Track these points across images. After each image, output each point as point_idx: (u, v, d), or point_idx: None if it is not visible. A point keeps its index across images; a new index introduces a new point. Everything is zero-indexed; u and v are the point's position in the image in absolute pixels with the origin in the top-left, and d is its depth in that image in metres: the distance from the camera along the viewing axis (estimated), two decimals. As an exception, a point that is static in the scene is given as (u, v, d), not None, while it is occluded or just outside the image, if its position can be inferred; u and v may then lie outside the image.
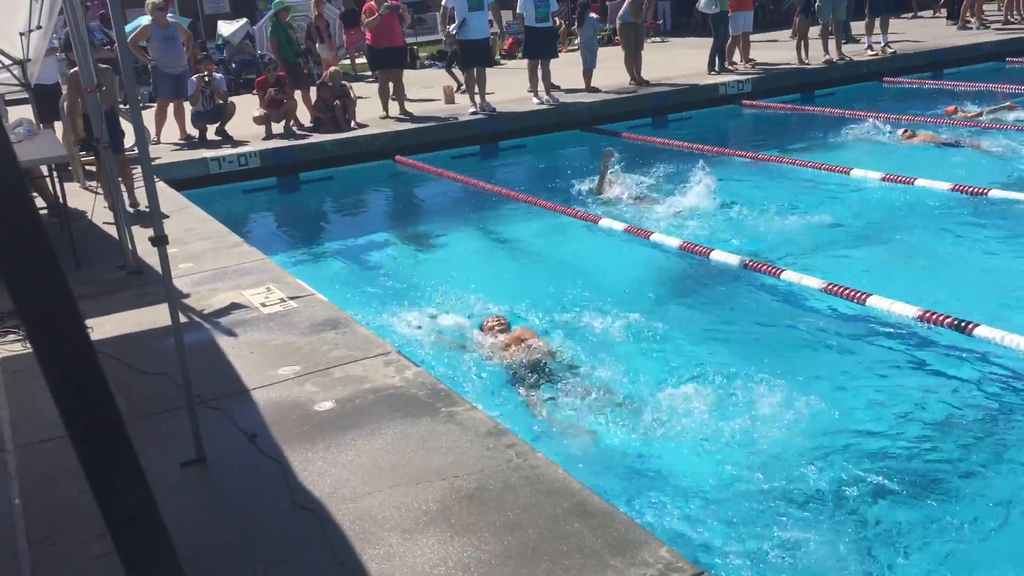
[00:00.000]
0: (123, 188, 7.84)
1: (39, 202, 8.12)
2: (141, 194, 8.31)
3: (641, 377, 5.34)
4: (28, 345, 5.39)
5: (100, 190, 7.97)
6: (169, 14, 12.65)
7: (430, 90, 15.58)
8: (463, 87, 14.04)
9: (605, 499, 3.38)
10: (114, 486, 0.93)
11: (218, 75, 12.80)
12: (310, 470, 3.74)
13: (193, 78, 12.41)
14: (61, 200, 7.52)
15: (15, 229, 0.83)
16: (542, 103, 13.51)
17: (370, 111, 13.30)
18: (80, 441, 0.88)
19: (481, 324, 6.17)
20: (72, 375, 0.86)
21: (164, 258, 3.76)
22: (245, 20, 20.73)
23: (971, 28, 17.27)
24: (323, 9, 17.81)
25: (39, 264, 0.86)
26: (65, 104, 8.68)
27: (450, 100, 14.34)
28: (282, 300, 5.93)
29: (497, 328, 6.00)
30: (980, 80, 13.94)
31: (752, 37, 15.70)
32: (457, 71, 15.10)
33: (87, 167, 9.94)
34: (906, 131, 10.89)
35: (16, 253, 0.85)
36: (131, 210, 8.15)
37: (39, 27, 7.95)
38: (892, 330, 5.71)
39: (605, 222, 8.39)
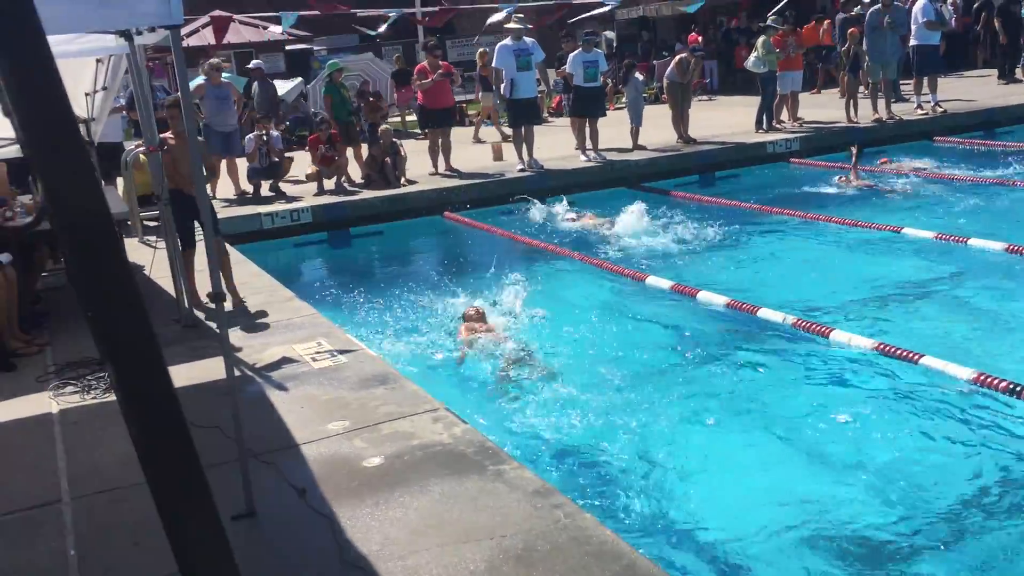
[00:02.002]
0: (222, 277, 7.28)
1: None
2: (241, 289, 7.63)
3: (683, 433, 5.30)
4: (86, 397, 5.52)
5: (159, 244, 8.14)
6: (226, 74, 13.04)
7: (479, 146, 15.80)
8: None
9: (654, 562, 3.35)
10: (191, 531, 0.95)
11: (275, 133, 13.11)
12: (358, 526, 3.76)
13: (251, 136, 12.74)
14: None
15: (108, 284, 0.87)
16: (590, 160, 13.63)
17: (419, 167, 13.50)
18: (159, 486, 0.91)
19: (464, 314, 7.25)
20: (157, 425, 0.90)
21: (221, 314, 3.84)
22: (300, 79, 21.25)
23: None
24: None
25: (130, 318, 0.90)
26: (128, 159, 8.93)
27: (498, 157, 14.52)
28: (332, 355, 6.01)
29: (476, 318, 7.09)
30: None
31: (800, 96, 15.74)
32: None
33: (145, 223, 10.21)
34: (841, 177, 12.23)
35: (108, 306, 0.88)
36: (231, 305, 7.28)
37: (104, 88, 8.25)
38: (945, 391, 5.60)
39: (652, 279, 8.38)
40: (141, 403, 0.86)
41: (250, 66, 17.34)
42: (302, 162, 13.66)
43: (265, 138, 12.56)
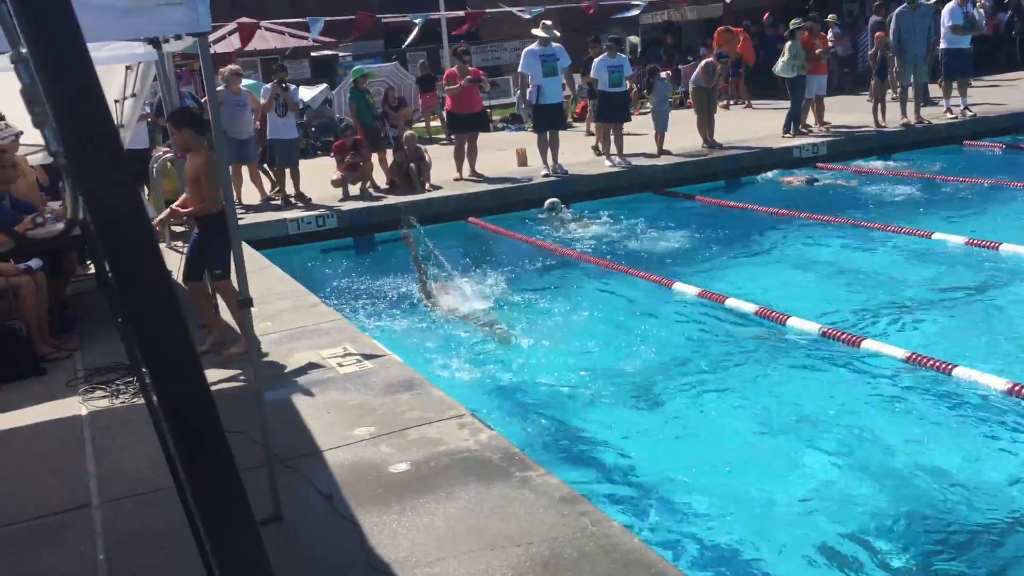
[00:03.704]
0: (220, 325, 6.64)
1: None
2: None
3: (709, 441, 5.26)
4: (114, 401, 5.56)
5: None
6: (250, 80, 13.11)
7: (503, 152, 15.80)
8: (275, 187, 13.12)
9: (683, 572, 3.31)
10: (228, 530, 0.94)
11: (292, 86, 13.08)
12: (385, 532, 3.75)
13: (268, 86, 12.77)
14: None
15: (148, 289, 0.87)
16: (614, 165, 13.60)
17: (443, 173, 13.53)
18: (196, 491, 0.91)
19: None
20: (194, 430, 0.90)
21: (249, 321, 3.86)
22: (325, 85, 21.36)
23: None
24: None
25: (168, 323, 0.90)
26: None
27: (523, 162, 14.52)
28: (358, 360, 6.01)
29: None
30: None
31: (826, 100, 15.63)
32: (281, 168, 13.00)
33: (173, 228, 10.28)
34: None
35: (148, 311, 0.88)
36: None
37: (133, 95, 8.33)
38: (978, 402, 5.52)
39: (679, 286, 8.34)
40: (178, 407, 0.86)
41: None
42: (327, 169, 13.71)
43: (284, 87, 12.50)
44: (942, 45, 15.17)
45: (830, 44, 17.99)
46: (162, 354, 0.83)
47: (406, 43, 18.10)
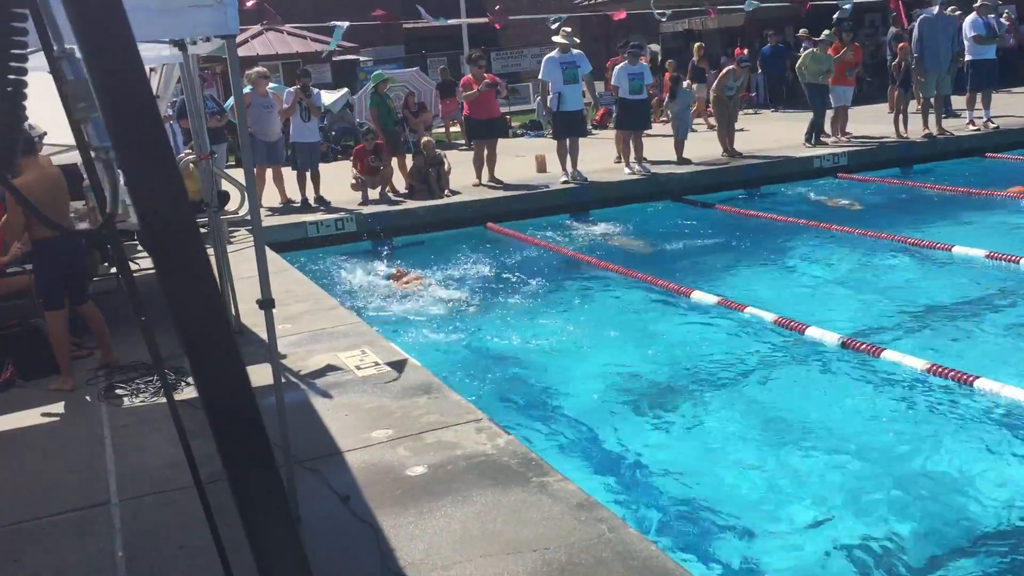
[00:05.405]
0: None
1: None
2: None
3: (726, 450, 5.25)
4: (134, 400, 5.60)
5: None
6: (272, 84, 13.18)
7: (522, 158, 15.82)
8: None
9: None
10: (265, 519, 0.96)
11: (315, 91, 13.15)
12: (401, 535, 3.76)
13: (291, 89, 12.84)
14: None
15: (195, 283, 0.88)
16: (634, 173, 13.59)
17: (462, 178, 13.55)
18: (238, 479, 0.92)
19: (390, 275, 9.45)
20: (238, 425, 0.91)
21: (270, 322, 3.88)
22: (346, 90, 21.43)
23: None
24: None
25: (212, 317, 0.91)
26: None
27: (542, 169, 14.52)
28: (376, 363, 6.03)
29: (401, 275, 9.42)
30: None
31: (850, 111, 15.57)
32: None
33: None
34: None
35: (194, 305, 0.89)
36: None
37: (157, 97, 8.39)
38: (999, 414, 5.48)
39: (697, 295, 8.32)
40: (221, 401, 0.88)
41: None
42: (347, 172, 13.76)
43: (307, 92, 12.56)
44: (967, 57, 15.07)
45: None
46: (207, 351, 0.84)
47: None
